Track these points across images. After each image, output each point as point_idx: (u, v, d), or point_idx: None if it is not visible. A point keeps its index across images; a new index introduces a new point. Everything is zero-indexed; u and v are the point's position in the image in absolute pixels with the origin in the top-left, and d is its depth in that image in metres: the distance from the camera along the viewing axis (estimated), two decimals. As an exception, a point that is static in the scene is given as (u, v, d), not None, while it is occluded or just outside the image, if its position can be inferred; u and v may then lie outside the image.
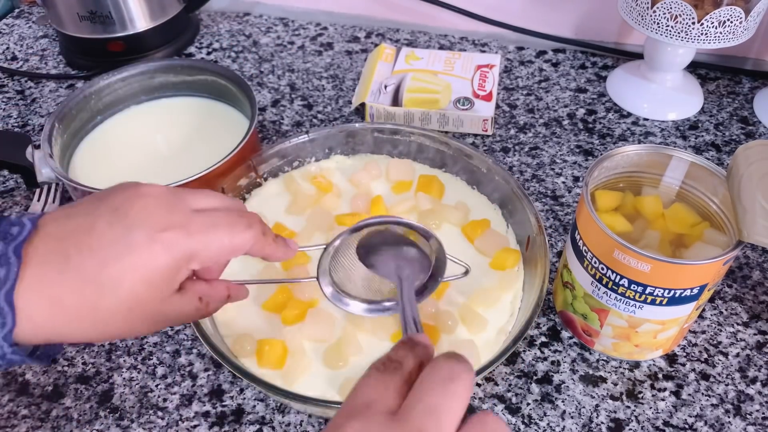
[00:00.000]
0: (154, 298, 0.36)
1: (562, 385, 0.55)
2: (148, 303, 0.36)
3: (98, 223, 0.35)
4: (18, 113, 0.84)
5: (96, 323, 0.34)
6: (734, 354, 0.57)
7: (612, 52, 0.91)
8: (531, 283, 0.57)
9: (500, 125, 0.81)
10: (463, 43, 0.94)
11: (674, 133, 0.79)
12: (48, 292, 0.33)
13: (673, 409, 0.54)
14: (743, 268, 0.65)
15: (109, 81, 0.72)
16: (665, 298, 0.49)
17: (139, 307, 0.35)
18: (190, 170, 0.60)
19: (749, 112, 0.82)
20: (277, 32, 0.97)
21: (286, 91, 0.86)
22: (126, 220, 0.35)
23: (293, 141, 0.67)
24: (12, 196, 0.73)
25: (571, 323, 0.57)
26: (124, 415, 0.54)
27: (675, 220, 0.53)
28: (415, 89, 0.80)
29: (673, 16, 0.71)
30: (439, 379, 0.30)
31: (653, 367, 0.57)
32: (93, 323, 0.34)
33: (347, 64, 0.91)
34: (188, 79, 0.75)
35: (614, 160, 0.53)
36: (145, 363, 0.57)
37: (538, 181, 0.73)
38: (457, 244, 0.62)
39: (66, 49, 0.92)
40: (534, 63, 0.91)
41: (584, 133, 0.79)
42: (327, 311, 0.56)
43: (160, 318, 0.38)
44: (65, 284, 0.33)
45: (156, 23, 0.88)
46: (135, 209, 0.36)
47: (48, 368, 0.57)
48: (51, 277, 0.33)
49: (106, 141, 0.72)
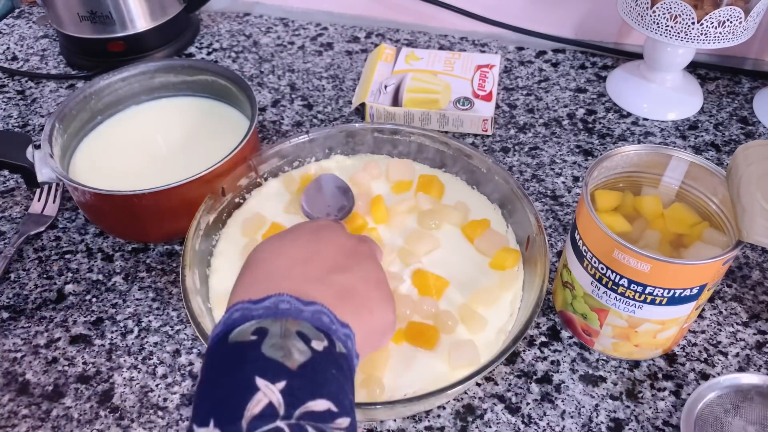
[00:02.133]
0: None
1: (562, 384, 0.55)
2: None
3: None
4: (18, 113, 0.84)
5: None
6: (734, 354, 0.57)
7: (612, 52, 0.91)
8: (531, 283, 0.57)
9: (500, 125, 0.81)
10: (463, 43, 0.94)
11: (674, 133, 0.79)
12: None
13: (673, 408, 0.54)
14: (743, 267, 0.65)
15: (109, 81, 0.72)
16: (665, 298, 0.49)
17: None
18: (190, 170, 0.60)
19: (749, 112, 0.82)
20: (277, 32, 0.97)
21: (286, 91, 0.86)
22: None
23: (293, 141, 0.67)
24: (12, 196, 0.73)
25: (571, 323, 0.57)
26: (124, 415, 0.54)
27: (674, 220, 0.53)
28: (415, 89, 0.80)
29: (673, 16, 0.71)
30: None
31: (653, 366, 0.57)
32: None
33: (347, 64, 0.91)
34: (188, 79, 0.75)
35: (614, 160, 0.53)
36: (145, 363, 0.57)
37: (537, 181, 0.73)
38: (457, 244, 0.62)
39: (66, 49, 0.92)
40: (534, 63, 0.91)
41: (584, 133, 0.79)
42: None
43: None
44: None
45: (156, 23, 0.88)
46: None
47: (48, 368, 0.57)
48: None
49: (106, 141, 0.72)
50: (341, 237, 0.46)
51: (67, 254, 0.66)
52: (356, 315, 0.41)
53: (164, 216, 0.63)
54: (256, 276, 0.42)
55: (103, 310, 0.61)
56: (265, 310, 0.37)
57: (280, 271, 0.41)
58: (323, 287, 0.41)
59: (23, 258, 0.66)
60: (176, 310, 0.61)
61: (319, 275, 0.42)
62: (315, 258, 0.43)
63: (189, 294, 0.53)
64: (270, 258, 0.43)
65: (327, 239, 0.45)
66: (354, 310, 0.41)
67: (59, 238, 0.68)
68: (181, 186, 0.60)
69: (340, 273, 0.43)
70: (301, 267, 0.42)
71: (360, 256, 0.45)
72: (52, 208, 0.70)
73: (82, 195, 0.63)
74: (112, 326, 0.60)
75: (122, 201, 0.61)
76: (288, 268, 0.42)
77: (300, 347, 0.35)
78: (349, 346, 0.39)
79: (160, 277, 0.64)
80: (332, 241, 0.45)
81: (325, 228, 0.47)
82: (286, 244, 0.44)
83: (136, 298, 0.62)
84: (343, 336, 0.39)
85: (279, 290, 0.39)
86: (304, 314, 0.38)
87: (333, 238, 0.46)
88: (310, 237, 0.45)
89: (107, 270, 0.65)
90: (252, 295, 0.39)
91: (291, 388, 0.33)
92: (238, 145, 0.63)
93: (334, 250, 0.44)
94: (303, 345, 0.35)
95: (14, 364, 0.57)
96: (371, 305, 0.43)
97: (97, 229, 0.69)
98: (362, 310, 0.42)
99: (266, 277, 0.41)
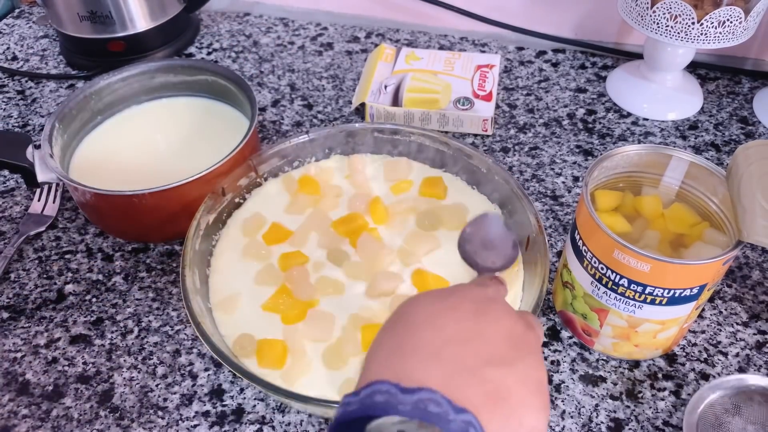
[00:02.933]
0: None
1: (562, 384, 0.55)
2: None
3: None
4: (18, 113, 0.84)
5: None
6: (734, 354, 0.57)
7: (612, 52, 0.91)
8: (531, 283, 0.57)
9: (500, 125, 0.81)
10: (463, 43, 0.94)
11: (674, 133, 0.79)
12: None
13: (673, 408, 0.54)
14: (743, 268, 0.65)
15: (109, 81, 0.72)
16: (665, 298, 0.49)
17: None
18: (190, 170, 0.60)
19: (749, 112, 0.82)
20: (277, 32, 0.97)
21: (286, 91, 0.86)
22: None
23: (293, 141, 0.67)
24: (12, 196, 0.73)
25: (571, 323, 0.57)
26: (124, 415, 0.54)
27: (675, 220, 0.53)
28: (415, 89, 0.80)
29: (673, 16, 0.71)
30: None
31: (653, 366, 0.57)
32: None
33: (347, 64, 0.91)
34: (188, 79, 0.75)
35: (614, 160, 0.53)
36: (145, 363, 0.57)
37: (538, 181, 0.73)
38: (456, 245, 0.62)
39: (66, 49, 0.92)
40: (534, 63, 0.91)
41: (584, 133, 0.79)
42: (327, 311, 0.56)
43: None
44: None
45: (156, 23, 0.88)
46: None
47: (48, 368, 0.57)
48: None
49: (106, 141, 0.72)
50: (510, 318, 0.38)
51: (67, 254, 0.66)
52: (503, 423, 0.34)
53: (164, 216, 0.63)
54: (404, 344, 0.35)
55: (103, 310, 0.61)
56: (412, 407, 0.32)
57: (432, 347, 0.35)
58: (475, 383, 0.34)
59: (23, 258, 0.66)
60: (176, 310, 0.61)
61: (474, 365, 0.35)
62: (474, 339, 0.36)
63: (189, 294, 0.53)
64: (423, 324, 0.36)
65: (493, 318, 0.38)
66: (502, 418, 0.34)
67: (59, 238, 0.68)
68: (181, 186, 0.60)
69: (499, 367, 0.35)
70: (456, 348, 0.35)
71: (526, 347, 0.37)
72: (52, 208, 0.70)
73: (82, 195, 0.63)
74: (112, 326, 0.60)
75: (122, 201, 0.61)
76: (442, 346, 0.35)
77: None
78: None
79: (160, 277, 0.64)
80: (499, 323, 0.37)
81: (494, 303, 0.39)
82: (445, 311, 0.37)
83: (136, 298, 0.62)
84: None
85: (429, 378, 0.33)
86: (451, 426, 0.32)
87: (500, 318, 0.38)
88: (474, 310, 0.38)
89: (107, 270, 0.65)
90: (400, 376, 0.33)
91: None
92: (238, 145, 0.63)
93: (500, 336, 0.37)
94: None
95: (14, 364, 0.57)
96: (523, 413, 0.35)
97: (97, 229, 0.69)
98: (512, 419, 0.35)
99: (415, 352, 0.35)
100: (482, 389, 0.34)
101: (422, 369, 0.34)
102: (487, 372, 0.35)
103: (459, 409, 0.32)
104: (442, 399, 0.32)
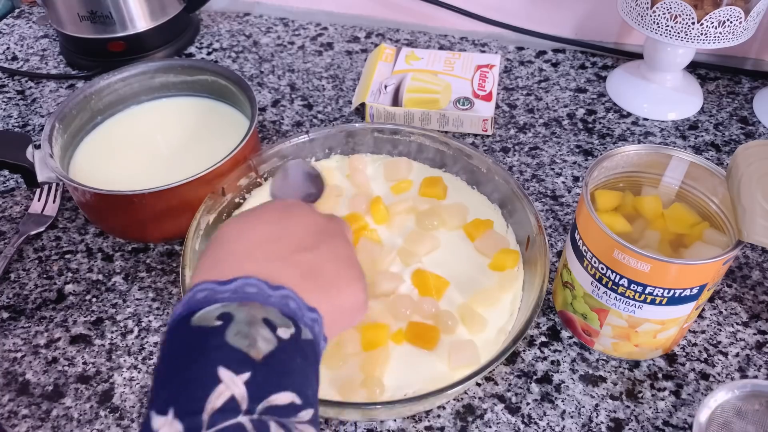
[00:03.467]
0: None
1: (562, 384, 0.55)
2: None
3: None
4: (18, 113, 0.84)
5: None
6: (734, 354, 0.57)
7: (612, 52, 0.91)
8: (531, 283, 0.57)
9: (500, 125, 0.81)
10: (463, 43, 0.94)
11: (674, 133, 0.79)
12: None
13: (673, 408, 0.54)
14: (743, 267, 0.65)
15: (109, 81, 0.72)
16: (665, 297, 0.49)
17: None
18: (190, 170, 0.60)
19: (749, 112, 0.82)
20: (277, 32, 0.97)
21: (286, 91, 0.86)
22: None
23: (293, 141, 0.67)
24: (12, 196, 0.73)
25: (571, 323, 0.57)
26: (124, 415, 0.54)
27: (675, 220, 0.53)
28: (415, 89, 0.80)
29: (673, 16, 0.71)
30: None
31: (653, 366, 0.57)
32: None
33: (347, 64, 0.91)
34: (188, 79, 0.75)
35: (614, 160, 0.53)
36: (145, 362, 0.57)
37: (538, 181, 0.73)
38: (457, 245, 0.62)
39: (66, 49, 0.92)
40: (534, 63, 0.91)
41: (584, 133, 0.79)
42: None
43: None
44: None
45: (156, 23, 0.88)
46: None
47: (48, 368, 0.57)
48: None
49: (106, 141, 0.72)
50: (310, 216, 0.44)
51: (67, 254, 0.66)
52: (324, 295, 0.39)
53: (164, 216, 0.63)
54: (219, 255, 0.40)
55: (103, 310, 0.61)
56: (231, 294, 0.36)
57: (244, 250, 0.39)
58: (289, 268, 0.39)
59: (23, 258, 0.66)
60: (176, 310, 0.61)
61: (284, 255, 0.40)
62: (282, 237, 0.41)
63: (189, 294, 0.53)
64: (235, 237, 0.41)
65: (295, 218, 0.43)
66: (321, 290, 0.39)
67: (59, 238, 0.68)
68: (181, 186, 0.60)
69: (307, 252, 0.41)
70: (266, 246, 0.40)
71: (328, 233, 0.43)
72: (52, 208, 0.70)
73: (82, 195, 0.63)
74: (112, 326, 0.60)
75: (122, 201, 0.61)
76: (253, 248, 0.40)
77: (266, 335, 0.34)
78: (315, 331, 0.38)
79: (160, 277, 0.64)
80: (300, 220, 0.43)
81: (294, 207, 0.45)
82: (252, 222, 0.42)
83: (136, 298, 0.62)
84: (309, 321, 0.37)
85: (243, 271, 0.37)
86: (271, 300, 0.36)
87: (302, 216, 0.44)
88: (278, 216, 0.43)
89: (107, 270, 0.65)
90: (217, 275, 0.37)
91: (255, 381, 0.32)
92: (238, 145, 0.63)
93: (302, 229, 0.42)
94: (269, 333, 0.34)
95: (14, 364, 0.57)
96: (340, 284, 0.41)
97: (97, 229, 0.69)
98: (330, 289, 0.40)
99: (230, 256, 0.39)
100: (297, 271, 0.39)
101: (238, 267, 0.38)
102: (297, 257, 0.40)
103: (276, 286, 0.37)
104: (258, 281, 0.37)
